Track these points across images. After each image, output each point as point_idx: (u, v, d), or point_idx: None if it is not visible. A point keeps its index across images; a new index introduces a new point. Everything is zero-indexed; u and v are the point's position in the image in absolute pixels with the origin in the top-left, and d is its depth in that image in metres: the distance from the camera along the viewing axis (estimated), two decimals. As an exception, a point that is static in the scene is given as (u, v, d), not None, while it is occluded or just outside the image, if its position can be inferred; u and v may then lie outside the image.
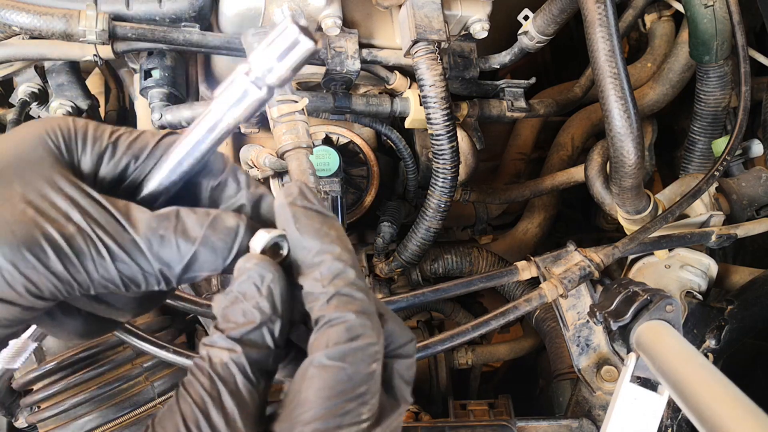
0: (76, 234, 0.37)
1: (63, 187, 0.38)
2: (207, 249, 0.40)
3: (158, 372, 1.04)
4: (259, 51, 0.38)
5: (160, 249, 0.39)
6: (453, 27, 1.10)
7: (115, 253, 0.38)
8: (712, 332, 0.99)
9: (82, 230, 0.37)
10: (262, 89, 0.39)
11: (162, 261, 0.39)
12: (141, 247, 0.39)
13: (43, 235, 0.36)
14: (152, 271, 0.39)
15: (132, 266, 0.39)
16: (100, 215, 0.38)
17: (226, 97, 0.39)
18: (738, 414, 0.58)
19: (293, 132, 0.85)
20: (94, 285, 0.39)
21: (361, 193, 1.22)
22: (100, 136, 0.41)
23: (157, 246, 0.39)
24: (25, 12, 0.87)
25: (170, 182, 0.42)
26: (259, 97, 0.39)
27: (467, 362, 1.44)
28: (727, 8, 1.09)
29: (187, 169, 0.42)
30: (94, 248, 0.38)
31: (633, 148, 0.90)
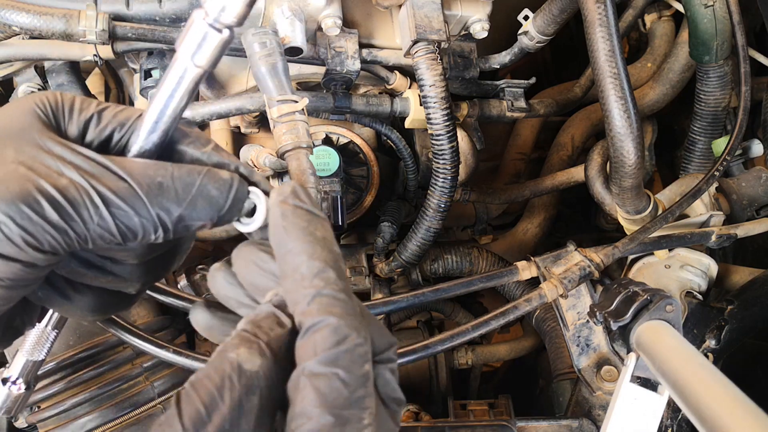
0: (69, 185, 0.38)
1: (52, 147, 0.39)
2: (203, 197, 0.41)
3: (158, 372, 1.04)
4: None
5: (159, 195, 0.40)
6: (453, 27, 1.10)
7: (111, 200, 0.38)
8: (712, 332, 0.99)
9: (74, 182, 0.38)
10: (223, 31, 0.38)
11: (160, 206, 0.40)
12: (138, 192, 0.39)
13: (37, 188, 0.37)
14: (150, 217, 0.39)
15: (129, 213, 0.39)
16: (92, 167, 0.39)
17: (187, 45, 0.39)
18: (738, 414, 0.58)
19: (293, 132, 0.85)
20: (92, 235, 0.39)
21: (361, 193, 1.22)
22: (86, 106, 0.42)
23: (156, 191, 0.39)
24: (25, 12, 0.87)
25: (152, 144, 0.42)
26: (221, 39, 0.38)
27: (467, 362, 1.44)
28: (727, 8, 1.09)
29: (165, 126, 0.42)
30: (88, 197, 0.38)
31: (633, 148, 0.90)
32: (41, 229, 0.37)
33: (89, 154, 0.39)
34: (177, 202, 0.40)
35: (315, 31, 1.02)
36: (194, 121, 0.95)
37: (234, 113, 1.00)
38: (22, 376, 0.73)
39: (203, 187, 0.41)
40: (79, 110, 0.42)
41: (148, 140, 0.42)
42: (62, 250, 0.38)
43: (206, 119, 1.00)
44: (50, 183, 0.37)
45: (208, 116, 0.99)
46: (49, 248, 0.37)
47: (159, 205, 0.40)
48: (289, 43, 0.93)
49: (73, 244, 0.38)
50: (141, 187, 0.39)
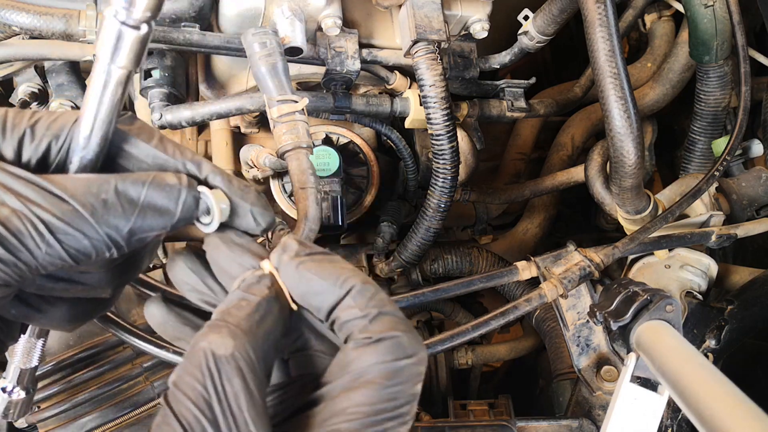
0: (10, 215, 0.36)
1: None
2: (152, 208, 0.40)
3: (158, 372, 1.04)
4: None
5: (105, 213, 0.38)
6: (453, 27, 1.10)
7: (56, 226, 0.37)
8: (712, 332, 0.99)
9: (15, 211, 0.36)
10: (140, 27, 0.36)
11: (108, 224, 0.38)
12: (83, 214, 0.38)
13: None
14: (99, 237, 0.38)
15: (77, 236, 0.38)
16: (32, 192, 0.37)
17: (103, 47, 0.37)
18: (738, 414, 0.58)
19: (293, 132, 0.85)
20: (42, 263, 0.37)
21: (361, 193, 1.22)
22: (18, 122, 0.40)
23: (101, 210, 0.38)
24: (25, 12, 0.87)
25: (92, 154, 0.40)
26: (137, 36, 0.36)
27: (467, 362, 1.44)
28: (727, 8, 1.09)
29: (101, 134, 0.40)
30: (32, 225, 0.36)
31: (633, 148, 0.90)
32: None
33: (27, 177, 0.37)
34: (124, 218, 0.39)
35: (315, 31, 1.02)
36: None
37: (234, 113, 1.00)
38: (19, 383, 0.74)
39: (150, 198, 0.39)
40: (11, 127, 0.40)
41: (86, 151, 0.40)
42: (15, 282, 0.37)
43: (206, 119, 1.00)
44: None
45: (208, 116, 0.99)
46: (2, 282, 0.37)
47: (106, 224, 0.38)
48: (289, 43, 0.93)
49: (25, 274, 0.37)
50: (85, 208, 0.38)
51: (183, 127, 1.01)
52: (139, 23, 0.36)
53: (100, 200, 0.38)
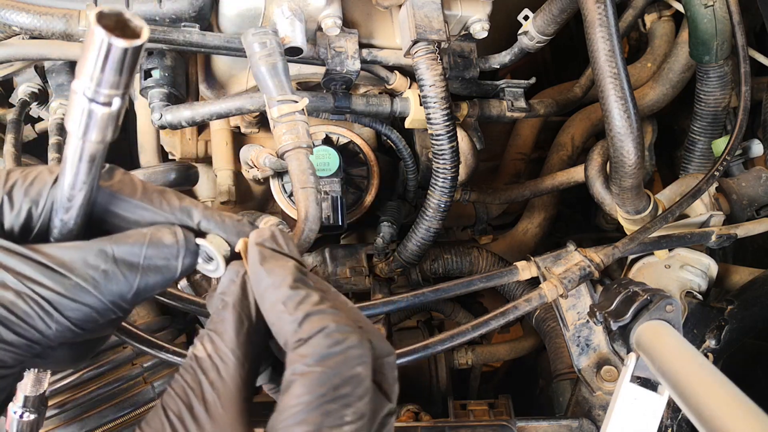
0: (15, 299, 0.36)
1: None
2: (153, 270, 0.40)
3: (158, 372, 1.04)
4: (80, 63, 0.34)
5: (107, 284, 0.38)
6: (453, 27, 1.10)
7: (62, 304, 0.37)
8: (712, 332, 0.99)
9: (20, 293, 0.36)
10: (112, 103, 0.35)
11: (112, 294, 0.39)
12: (86, 288, 0.38)
13: None
14: (105, 305, 0.39)
15: (83, 309, 0.38)
16: (31, 269, 0.37)
17: (73, 122, 0.35)
18: (738, 414, 0.58)
19: (293, 132, 0.85)
20: (51, 339, 0.38)
21: (361, 193, 1.22)
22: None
23: (103, 282, 0.38)
24: (25, 12, 0.87)
25: (76, 218, 0.40)
26: (108, 112, 0.35)
27: (467, 362, 1.44)
28: (727, 8, 1.09)
29: (82, 198, 0.39)
30: (38, 306, 0.37)
31: (633, 148, 0.90)
32: (2, 351, 0.36)
33: (23, 252, 0.37)
34: (127, 285, 0.39)
35: (315, 31, 1.02)
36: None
37: (234, 113, 1.00)
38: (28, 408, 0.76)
39: (149, 261, 0.40)
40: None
41: (69, 216, 0.39)
42: (27, 358, 0.38)
43: (206, 119, 1.00)
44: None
45: (208, 116, 0.99)
46: (13, 363, 0.37)
47: (110, 294, 0.39)
48: (289, 43, 0.93)
49: (36, 350, 0.38)
50: (87, 282, 0.38)
51: (183, 127, 1.01)
52: (110, 99, 0.34)
53: (100, 272, 0.38)
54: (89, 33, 0.32)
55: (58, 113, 1.13)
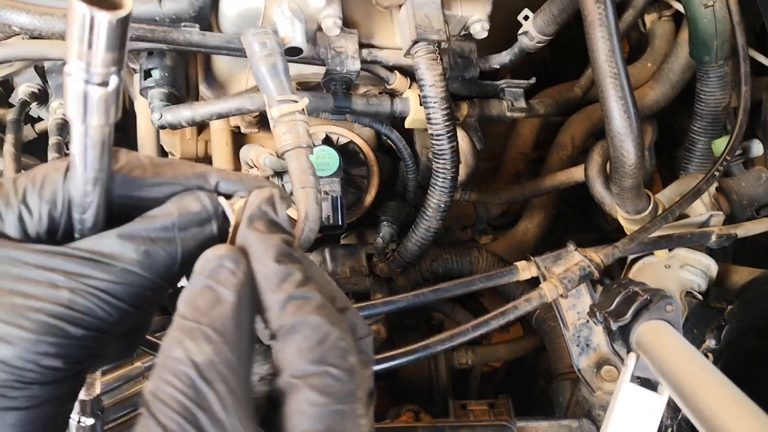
0: (72, 296, 0.36)
1: (26, 259, 0.37)
2: (191, 240, 0.40)
3: (158, 372, 1.03)
4: (67, 44, 0.32)
5: (152, 263, 0.38)
6: (453, 27, 1.10)
7: (115, 291, 0.37)
8: (712, 332, 0.99)
9: (74, 290, 0.37)
10: (108, 83, 0.33)
11: (159, 272, 0.39)
12: (133, 270, 0.38)
13: (48, 314, 0.36)
14: (155, 283, 0.39)
15: (136, 290, 0.38)
16: (78, 264, 0.37)
17: (72, 109, 0.34)
18: (738, 414, 0.58)
19: (293, 132, 0.85)
20: (116, 325, 0.38)
21: (361, 193, 1.22)
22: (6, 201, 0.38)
23: (148, 262, 0.38)
24: (25, 12, 0.87)
25: (94, 219, 0.39)
26: (105, 92, 0.33)
27: (467, 362, 1.44)
28: (727, 8, 1.09)
29: (98, 195, 0.38)
30: (96, 298, 0.37)
31: (633, 148, 0.90)
32: (74, 347, 0.37)
33: (63, 251, 0.37)
34: (170, 259, 0.39)
35: (315, 31, 1.02)
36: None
37: (234, 113, 1.00)
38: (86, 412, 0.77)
39: (184, 232, 0.39)
40: (6, 205, 0.38)
41: (89, 211, 0.39)
42: (96, 350, 0.38)
43: (206, 119, 1.00)
44: (55, 303, 0.36)
45: (208, 116, 0.99)
46: (88, 356, 0.38)
47: (156, 271, 0.39)
48: (289, 43, 0.93)
49: (105, 340, 0.38)
50: (132, 264, 0.38)
51: (183, 127, 1.01)
52: (105, 78, 0.33)
53: (141, 252, 0.38)
54: (69, 9, 0.30)
55: (58, 113, 1.13)
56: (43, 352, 0.35)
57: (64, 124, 1.12)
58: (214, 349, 0.35)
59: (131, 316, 0.39)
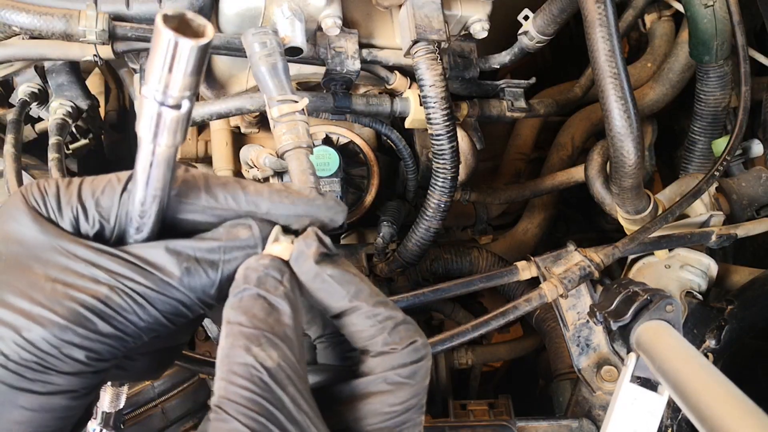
0: (111, 293, 0.38)
1: (75, 251, 0.38)
2: (233, 267, 0.41)
3: (158, 372, 1.03)
4: (148, 67, 0.34)
5: (191, 280, 0.39)
6: (453, 27, 1.10)
7: (152, 298, 0.39)
8: (712, 332, 0.99)
9: (113, 288, 0.38)
10: (181, 106, 0.35)
11: (196, 291, 0.40)
12: (172, 283, 0.39)
13: (83, 305, 0.37)
14: (190, 301, 0.40)
15: (172, 302, 0.39)
16: (122, 266, 0.38)
17: (144, 127, 0.36)
18: (738, 414, 0.58)
19: (293, 132, 0.84)
20: (144, 332, 0.39)
21: (361, 193, 1.22)
22: (69, 197, 0.40)
23: (187, 279, 0.39)
24: (25, 12, 0.87)
25: (148, 231, 0.40)
26: (178, 115, 0.35)
27: (467, 362, 1.44)
28: (727, 8, 1.09)
29: (154, 210, 0.39)
30: (132, 300, 0.38)
31: (633, 148, 0.90)
32: (99, 343, 0.37)
33: (111, 251, 0.39)
34: (209, 281, 0.40)
35: (315, 31, 1.02)
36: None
37: (234, 113, 1.00)
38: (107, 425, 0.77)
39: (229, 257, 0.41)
40: (67, 203, 0.40)
41: (144, 229, 0.40)
42: (121, 354, 0.39)
43: (206, 119, 1.00)
44: (92, 296, 0.37)
45: (208, 116, 0.99)
46: (109, 356, 0.38)
47: (194, 289, 0.40)
48: (289, 43, 0.93)
49: (130, 344, 0.39)
50: (172, 277, 0.39)
51: (183, 127, 1.01)
52: (179, 101, 0.34)
53: (183, 268, 0.39)
54: (156, 35, 0.32)
55: (58, 113, 1.13)
56: (69, 341, 0.37)
57: (64, 124, 1.12)
58: (281, 354, 0.38)
59: (162, 330, 0.40)
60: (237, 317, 0.39)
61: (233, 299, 0.40)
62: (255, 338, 0.38)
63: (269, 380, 0.36)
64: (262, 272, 0.40)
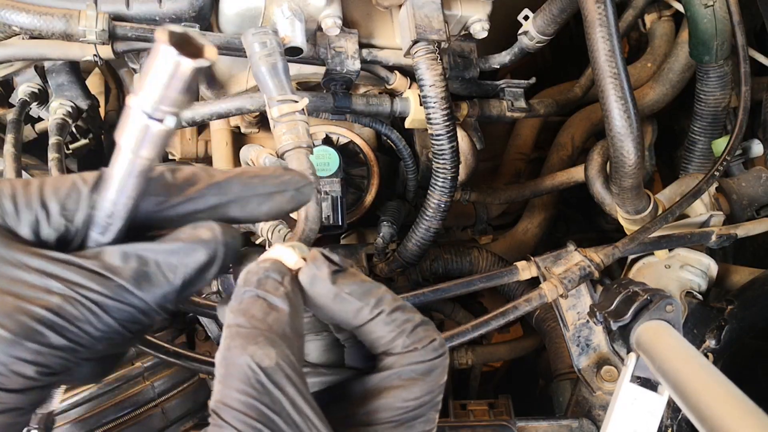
0: (62, 303, 0.36)
1: (27, 261, 0.37)
2: (193, 271, 0.39)
3: (158, 372, 1.03)
4: (143, 80, 0.34)
5: (150, 286, 0.38)
6: (453, 27, 1.10)
7: (108, 306, 0.37)
8: (712, 332, 0.99)
9: (67, 297, 0.36)
10: (165, 120, 0.35)
11: (155, 296, 0.39)
12: (130, 289, 0.38)
13: (33, 317, 0.35)
14: (149, 306, 0.39)
15: (128, 309, 0.38)
16: (74, 274, 0.37)
17: (128, 137, 0.35)
18: (738, 414, 0.58)
19: (293, 132, 0.85)
20: (99, 341, 0.38)
21: (361, 193, 1.22)
22: (28, 201, 0.38)
23: (146, 284, 0.38)
24: (25, 12, 0.87)
25: (113, 236, 0.39)
26: (163, 130, 0.35)
27: (467, 362, 1.44)
28: (727, 8, 1.09)
29: (121, 216, 0.39)
30: (86, 309, 0.37)
31: (633, 148, 0.90)
32: (50, 357, 0.36)
33: (65, 258, 0.37)
34: (169, 286, 0.39)
35: (315, 31, 1.02)
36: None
37: (234, 113, 1.00)
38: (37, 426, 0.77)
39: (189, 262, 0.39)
40: (24, 205, 0.38)
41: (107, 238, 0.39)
42: (75, 364, 0.38)
43: (206, 119, 1.00)
44: (44, 307, 0.35)
45: (208, 116, 0.99)
46: (61, 369, 0.37)
47: (153, 295, 0.38)
48: (289, 43, 0.93)
49: (84, 354, 0.38)
50: (130, 283, 0.37)
51: (183, 127, 1.01)
52: (167, 117, 0.35)
53: (142, 272, 0.38)
54: (156, 51, 0.32)
55: (58, 113, 1.13)
56: (18, 357, 0.35)
57: (64, 124, 1.12)
58: (279, 353, 0.36)
59: (116, 337, 0.38)
60: (236, 319, 0.38)
61: (233, 302, 0.39)
62: (252, 337, 0.37)
63: (266, 381, 0.35)
64: (263, 274, 0.40)
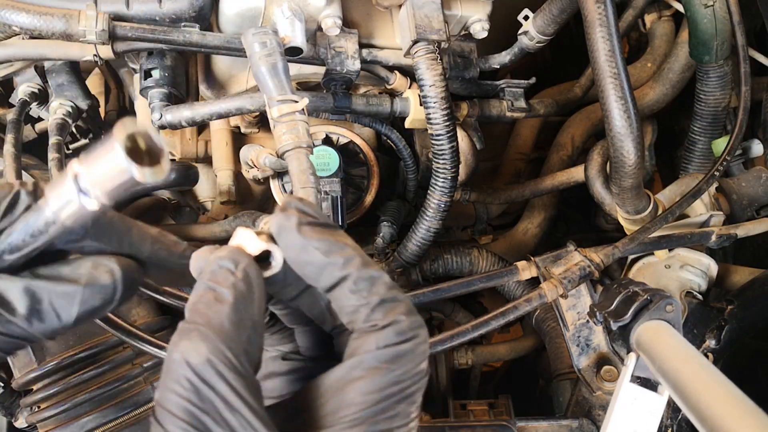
0: None
1: None
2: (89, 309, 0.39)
3: (158, 372, 1.03)
4: (92, 157, 0.33)
5: (39, 323, 0.38)
6: (453, 27, 1.10)
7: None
8: (712, 332, 0.99)
9: None
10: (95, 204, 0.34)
11: (44, 330, 0.38)
12: (20, 325, 0.37)
13: None
14: (36, 338, 0.39)
15: (14, 342, 0.38)
16: None
17: (55, 198, 0.36)
18: (738, 414, 0.58)
19: (293, 132, 0.85)
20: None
21: (361, 193, 1.22)
22: None
23: (37, 321, 0.38)
24: (25, 12, 0.87)
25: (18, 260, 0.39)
26: (86, 206, 0.35)
27: (467, 362, 1.44)
28: (727, 8, 1.09)
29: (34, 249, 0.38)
30: None
31: (633, 148, 0.90)
32: None
33: None
34: (60, 324, 0.38)
35: (315, 31, 1.02)
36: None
37: (234, 113, 1.00)
38: None
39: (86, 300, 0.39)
40: None
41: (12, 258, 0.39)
42: None
43: (206, 119, 1.00)
44: None
45: (208, 116, 0.99)
46: None
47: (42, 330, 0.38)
48: (289, 43, 0.93)
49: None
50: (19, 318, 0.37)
51: (183, 127, 1.01)
52: (94, 198, 0.34)
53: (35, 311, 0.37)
54: (110, 144, 0.32)
55: (58, 113, 1.13)
56: None
57: (64, 124, 1.12)
58: (210, 347, 0.34)
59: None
60: (186, 314, 0.37)
61: (191, 297, 0.38)
62: (186, 333, 0.35)
63: (195, 379, 0.34)
64: (216, 265, 0.38)
